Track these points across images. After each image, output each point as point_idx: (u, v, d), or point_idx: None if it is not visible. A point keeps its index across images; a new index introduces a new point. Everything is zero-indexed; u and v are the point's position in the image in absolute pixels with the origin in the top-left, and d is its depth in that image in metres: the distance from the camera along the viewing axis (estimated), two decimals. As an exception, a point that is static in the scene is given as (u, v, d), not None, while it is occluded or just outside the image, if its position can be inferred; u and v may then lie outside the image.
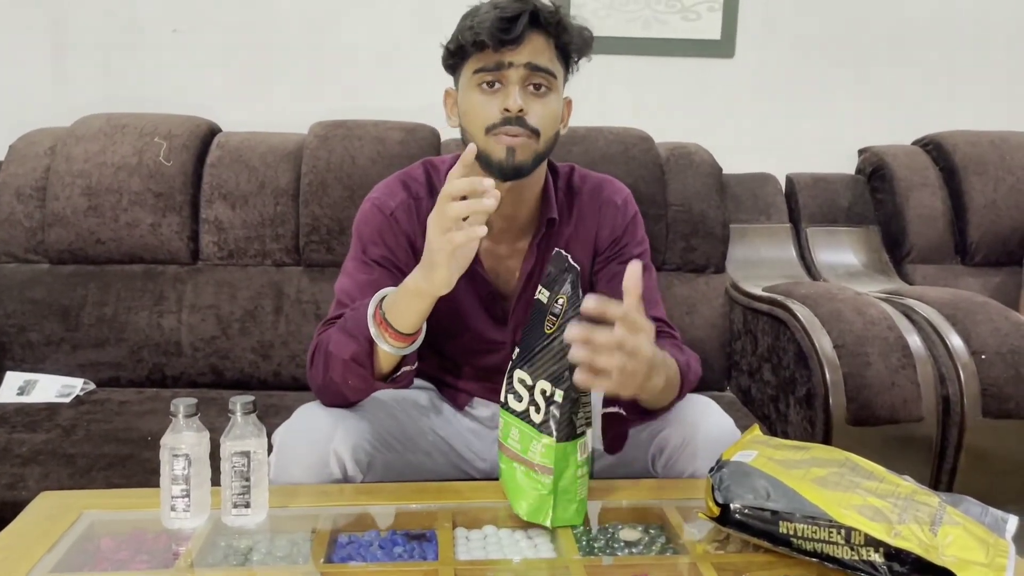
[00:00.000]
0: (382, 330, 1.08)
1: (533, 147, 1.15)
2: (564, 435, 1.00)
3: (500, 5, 1.12)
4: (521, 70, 1.13)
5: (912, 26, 2.35)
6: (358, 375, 1.12)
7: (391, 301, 1.09)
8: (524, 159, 1.15)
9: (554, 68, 1.16)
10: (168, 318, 1.91)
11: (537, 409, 1.00)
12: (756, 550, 0.97)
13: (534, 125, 1.14)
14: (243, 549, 0.99)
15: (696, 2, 2.28)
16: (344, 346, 1.10)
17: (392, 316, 1.07)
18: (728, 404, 1.55)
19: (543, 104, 1.15)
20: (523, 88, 1.14)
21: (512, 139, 1.13)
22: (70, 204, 1.92)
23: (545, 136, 1.16)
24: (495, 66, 1.13)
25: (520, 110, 1.13)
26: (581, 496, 1.04)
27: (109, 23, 2.22)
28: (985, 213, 2.13)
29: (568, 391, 0.98)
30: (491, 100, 1.15)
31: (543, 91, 1.15)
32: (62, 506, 1.06)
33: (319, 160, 1.95)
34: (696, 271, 2.02)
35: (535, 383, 1.01)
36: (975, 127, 2.27)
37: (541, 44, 1.14)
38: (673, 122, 2.21)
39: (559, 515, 1.02)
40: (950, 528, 0.89)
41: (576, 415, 1.01)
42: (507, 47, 1.12)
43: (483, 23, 1.11)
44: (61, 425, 1.62)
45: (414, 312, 1.07)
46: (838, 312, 1.60)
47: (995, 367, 1.53)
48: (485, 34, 1.11)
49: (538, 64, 1.14)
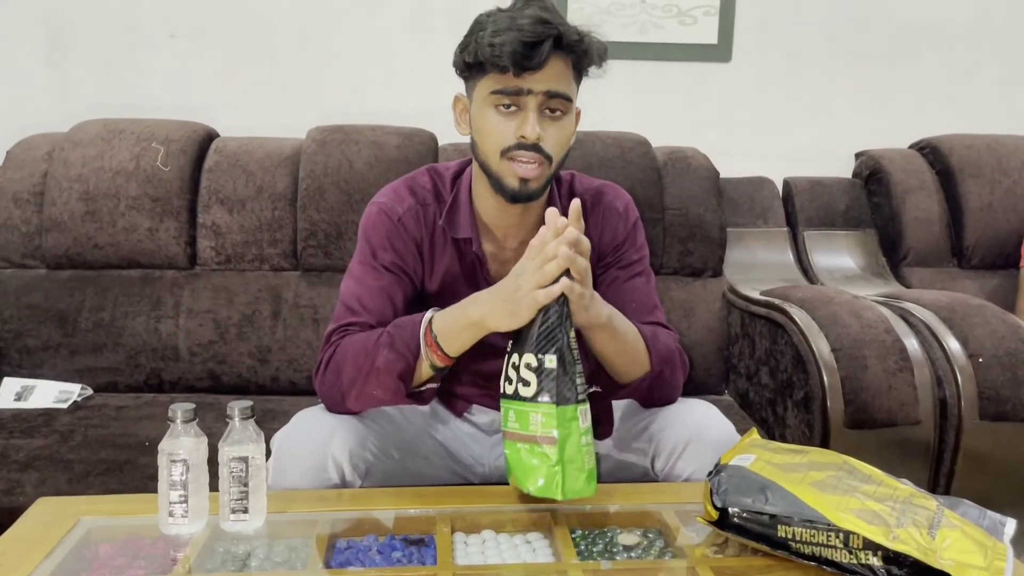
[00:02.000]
0: (431, 350, 1.12)
1: (546, 173, 1.15)
2: (562, 398, 1.01)
3: (522, 27, 1.08)
4: (540, 97, 1.12)
5: (908, 30, 2.36)
6: (398, 390, 1.14)
7: (444, 325, 1.11)
8: (537, 187, 1.16)
9: (571, 92, 1.15)
10: (166, 323, 1.90)
11: (526, 384, 1.02)
12: (754, 554, 0.97)
13: (548, 151, 1.14)
14: (241, 555, 0.99)
15: (693, 7, 2.29)
16: (393, 363, 1.12)
17: (444, 339, 1.11)
18: (726, 408, 1.55)
19: (558, 129, 1.15)
20: (540, 113, 1.13)
21: (526, 167, 1.13)
22: (67, 209, 1.92)
23: (557, 160, 1.16)
24: (514, 91, 1.12)
25: (539, 138, 1.12)
26: (589, 466, 1.03)
27: (107, 28, 2.22)
28: (981, 216, 2.14)
29: (559, 352, 1.01)
30: (507, 123, 1.13)
31: (559, 115, 1.15)
32: (59, 512, 1.06)
33: (317, 165, 1.95)
34: (693, 275, 2.03)
35: (520, 361, 1.03)
36: (971, 130, 2.28)
37: (560, 68, 1.12)
38: (670, 126, 2.22)
39: (569, 486, 1.02)
40: (948, 531, 0.89)
41: (574, 380, 1.02)
42: (527, 72, 1.10)
43: (504, 46, 1.08)
44: (58, 431, 1.62)
45: (468, 340, 1.11)
46: (835, 315, 1.61)
47: (992, 370, 1.53)
48: (507, 59, 1.08)
49: (557, 91, 1.12)
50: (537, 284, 1.01)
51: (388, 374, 1.12)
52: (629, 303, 1.25)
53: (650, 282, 1.31)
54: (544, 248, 1.02)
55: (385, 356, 1.12)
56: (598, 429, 1.25)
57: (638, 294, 1.28)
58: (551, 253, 1.01)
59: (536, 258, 1.03)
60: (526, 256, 1.05)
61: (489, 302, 1.07)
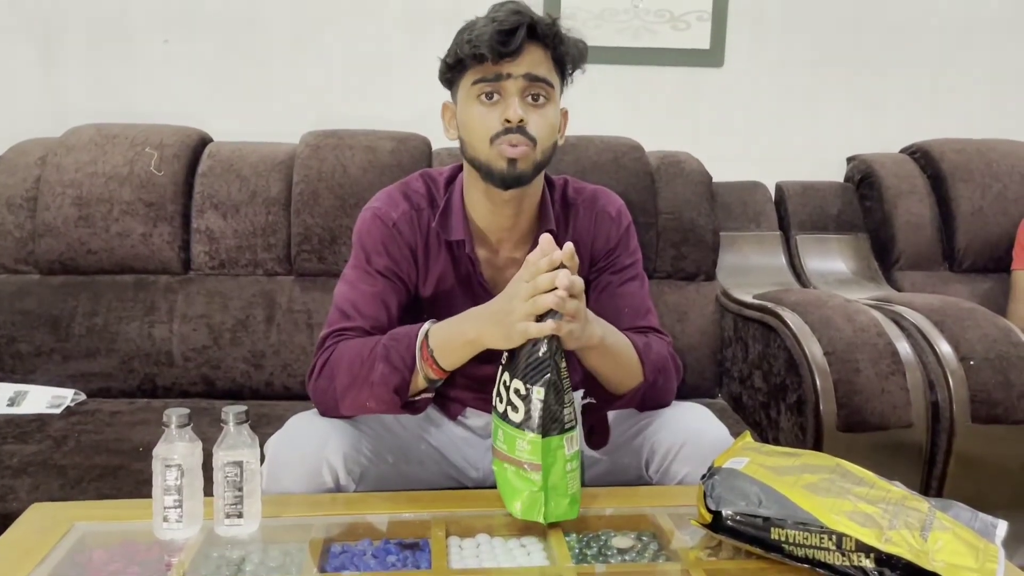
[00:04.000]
0: (426, 364, 1.12)
1: (532, 156, 1.17)
2: (547, 430, 1.01)
3: (497, 18, 1.13)
4: (520, 81, 1.15)
5: (899, 35, 2.37)
6: (393, 403, 1.14)
7: (441, 341, 1.12)
8: (525, 168, 1.17)
9: (551, 78, 1.18)
10: (159, 328, 1.90)
11: (514, 409, 1.03)
12: (748, 556, 0.98)
13: (533, 134, 1.16)
14: (236, 559, 0.99)
15: (685, 12, 2.29)
16: (389, 377, 1.12)
17: (440, 355, 1.11)
18: (719, 411, 1.56)
19: (541, 114, 1.17)
20: (522, 99, 1.16)
21: (514, 149, 1.15)
22: (61, 214, 1.92)
23: (543, 145, 1.18)
24: (494, 77, 1.15)
25: (521, 120, 1.14)
26: (573, 491, 1.05)
27: (100, 33, 2.22)
28: (972, 220, 2.15)
29: (548, 386, 1.01)
30: (491, 111, 1.16)
31: (541, 101, 1.17)
32: (53, 518, 1.06)
33: (310, 169, 1.95)
34: (687, 279, 2.03)
35: (511, 384, 1.04)
36: (962, 135, 2.29)
37: (539, 55, 1.16)
38: (663, 131, 2.22)
39: (551, 510, 1.03)
40: (940, 533, 0.90)
41: (561, 410, 1.02)
42: (506, 59, 1.13)
43: (482, 36, 1.12)
44: (52, 436, 1.61)
45: (466, 356, 1.12)
46: (828, 319, 1.61)
47: (983, 373, 1.54)
48: (484, 47, 1.12)
49: (536, 75, 1.15)
50: (527, 315, 1.02)
51: (384, 387, 1.13)
52: (622, 308, 1.26)
53: (643, 286, 1.32)
54: (536, 276, 1.02)
55: (381, 370, 1.12)
56: (592, 439, 1.26)
57: (631, 299, 1.28)
58: (543, 285, 1.01)
59: (527, 283, 1.02)
60: (519, 275, 1.05)
61: (484, 322, 1.08)
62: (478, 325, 1.08)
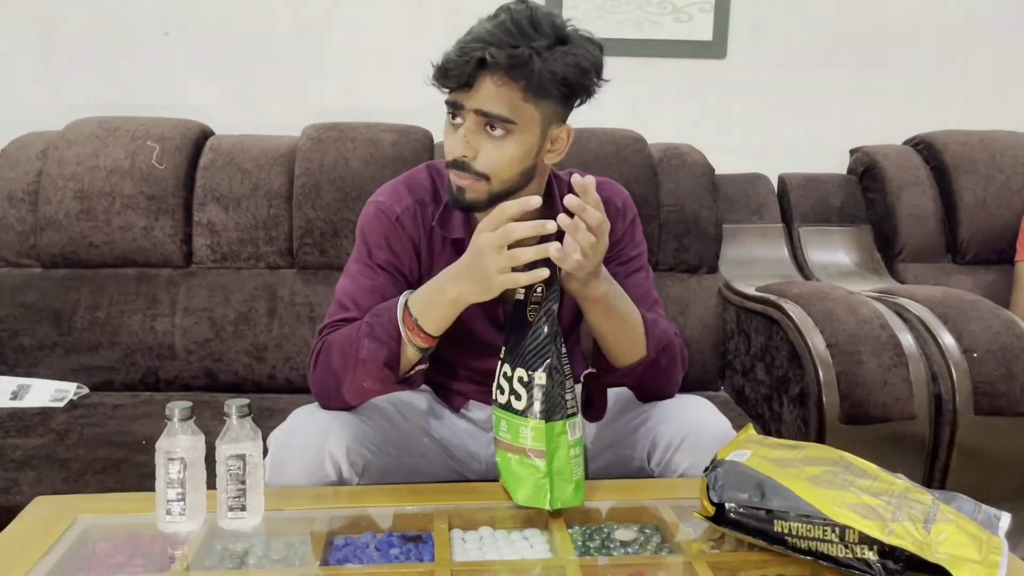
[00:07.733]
0: (412, 333, 1.11)
1: (484, 188, 1.13)
2: (550, 415, 1.02)
3: (462, 43, 1.08)
4: (472, 115, 1.10)
5: (902, 26, 2.36)
6: (387, 378, 1.13)
7: (422, 306, 1.11)
8: (475, 199, 1.14)
9: (512, 113, 1.09)
10: (161, 321, 1.90)
11: (517, 397, 1.04)
12: (751, 549, 0.98)
13: (481, 170, 1.12)
14: (239, 552, 0.99)
15: (688, 3, 2.29)
16: (376, 352, 1.11)
17: (424, 320, 1.10)
18: (722, 404, 1.56)
19: (496, 147, 1.11)
20: (481, 129, 1.11)
21: (460, 181, 1.13)
22: (62, 208, 1.91)
23: (500, 177, 1.12)
24: (453, 103, 1.12)
25: (464, 156, 1.11)
26: (577, 477, 1.05)
27: (101, 26, 2.21)
28: (976, 212, 2.14)
29: (549, 371, 1.02)
30: (452, 135, 1.13)
31: (499, 134, 1.10)
32: (57, 511, 1.06)
33: (312, 162, 1.95)
34: (689, 271, 2.03)
35: (513, 373, 1.05)
36: (965, 126, 2.28)
37: (495, 89, 1.08)
38: (665, 123, 2.21)
39: (557, 496, 1.03)
40: (943, 525, 0.90)
41: (563, 396, 1.03)
42: (459, 90, 1.10)
43: (442, 58, 1.09)
44: (55, 429, 1.61)
45: (449, 317, 1.11)
46: (831, 311, 1.61)
47: (986, 365, 1.54)
48: (438, 72, 1.09)
49: (487, 111, 1.09)
50: (501, 268, 1.00)
51: (373, 363, 1.11)
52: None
53: (649, 277, 1.32)
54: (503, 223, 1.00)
55: (367, 347, 1.11)
56: (589, 411, 1.26)
57: (637, 289, 1.28)
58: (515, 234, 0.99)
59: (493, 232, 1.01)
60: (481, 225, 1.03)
61: (460, 280, 1.06)
62: (456, 283, 1.07)
